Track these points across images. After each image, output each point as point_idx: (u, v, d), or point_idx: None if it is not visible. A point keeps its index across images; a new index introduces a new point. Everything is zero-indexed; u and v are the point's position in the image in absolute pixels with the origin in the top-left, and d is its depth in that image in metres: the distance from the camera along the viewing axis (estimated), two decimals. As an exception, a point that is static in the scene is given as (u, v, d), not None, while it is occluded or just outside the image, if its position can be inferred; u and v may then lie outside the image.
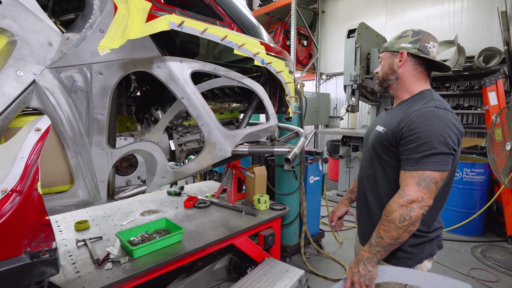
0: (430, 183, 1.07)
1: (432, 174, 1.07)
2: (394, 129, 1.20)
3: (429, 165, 1.07)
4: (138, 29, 1.14)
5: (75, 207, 1.55)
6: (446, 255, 3.28)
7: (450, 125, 1.09)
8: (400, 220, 1.08)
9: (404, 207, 1.07)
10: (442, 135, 1.07)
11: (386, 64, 1.32)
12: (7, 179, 0.88)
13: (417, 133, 1.10)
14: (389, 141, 1.22)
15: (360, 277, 1.17)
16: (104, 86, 1.34)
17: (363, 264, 1.17)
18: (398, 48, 1.27)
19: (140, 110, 2.13)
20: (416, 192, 1.07)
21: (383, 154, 1.27)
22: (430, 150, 1.07)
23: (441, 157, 1.08)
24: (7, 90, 1.11)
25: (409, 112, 1.17)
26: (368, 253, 1.17)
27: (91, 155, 1.44)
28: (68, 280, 1.47)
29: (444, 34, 5.20)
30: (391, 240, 1.11)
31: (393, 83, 1.32)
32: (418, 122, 1.11)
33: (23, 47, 1.15)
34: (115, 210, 2.55)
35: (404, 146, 1.14)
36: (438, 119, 1.09)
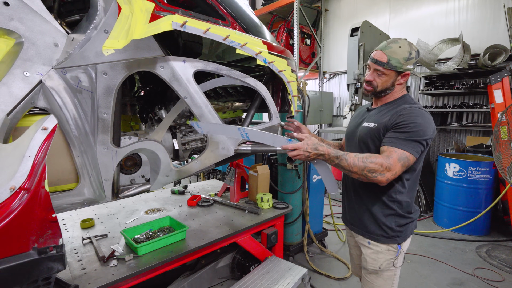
0: (406, 162, 1.30)
1: (409, 156, 1.30)
2: (385, 124, 1.40)
3: (409, 148, 1.29)
4: (141, 29, 1.16)
5: (81, 205, 1.57)
6: (450, 254, 3.26)
7: (431, 123, 1.34)
8: (369, 170, 1.26)
9: (381, 168, 1.26)
10: (422, 129, 1.31)
11: (390, 80, 1.44)
12: (16, 177, 0.90)
13: (405, 123, 1.32)
14: (379, 134, 1.42)
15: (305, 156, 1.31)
16: (109, 86, 1.36)
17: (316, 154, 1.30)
18: (406, 69, 1.40)
19: (144, 109, 2.15)
20: (396, 165, 1.27)
21: (372, 145, 1.45)
22: (412, 137, 1.30)
23: (417, 145, 1.31)
24: (15, 91, 1.13)
25: (399, 110, 1.39)
26: (327, 156, 1.31)
27: (96, 154, 1.46)
28: (74, 277, 1.49)
29: (448, 32, 5.15)
30: (346, 169, 1.30)
31: (386, 94, 1.50)
32: (407, 115, 1.34)
33: (30, 48, 1.18)
34: (120, 209, 2.58)
35: (392, 131, 1.35)
36: (422, 116, 1.34)
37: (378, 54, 1.42)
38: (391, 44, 1.41)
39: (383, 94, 1.49)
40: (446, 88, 4.70)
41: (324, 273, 2.86)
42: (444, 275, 2.83)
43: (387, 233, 1.47)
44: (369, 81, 1.48)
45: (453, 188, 3.87)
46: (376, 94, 1.51)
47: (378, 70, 1.43)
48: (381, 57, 1.40)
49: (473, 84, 4.23)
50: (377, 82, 1.46)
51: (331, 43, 7.45)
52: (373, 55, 1.45)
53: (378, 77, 1.45)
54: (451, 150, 4.78)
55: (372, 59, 1.45)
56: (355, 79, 4.54)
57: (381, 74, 1.43)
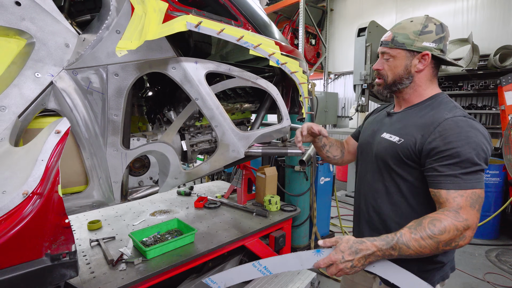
0: (481, 204, 0.94)
1: (481, 194, 0.94)
2: (417, 141, 1.02)
3: (476, 183, 0.94)
4: (155, 30, 1.13)
5: (90, 208, 1.55)
6: (459, 258, 3.21)
7: (486, 137, 0.98)
8: (446, 244, 0.91)
9: (459, 233, 0.90)
10: (482, 149, 0.95)
11: (401, 65, 1.09)
12: (28, 181, 0.87)
13: (456, 147, 0.94)
14: (409, 155, 1.04)
15: (348, 268, 0.93)
16: (120, 87, 1.34)
17: (362, 258, 0.93)
18: (421, 48, 1.06)
19: (152, 110, 2.13)
20: (473, 217, 0.91)
21: (399, 168, 1.08)
22: (473, 166, 0.93)
23: (482, 174, 0.96)
24: (26, 92, 1.11)
25: (437, 120, 1.00)
26: (379, 251, 0.94)
27: (106, 156, 1.44)
28: (83, 280, 1.47)
29: (457, 32, 5.08)
30: (416, 254, 0.93)
31: (405, 88, 1.12)
32: (455, 134, 0.95)
33: (41, 49, 1.15)
34: (127, 210, 2.56)
35: (440, 161, 0.97)
36: (474, 131, 0.96)
37: (386, 35, 1.14)
38: (402, 21, 1.13)
39: (399, 87, 1.13)
40: (454, 89, 4.65)
41: (332, 276, 2.82)
42: (454, 280, 2.78)
43: None
44: (378, 71, 1.17)
45: (461, 191, 3.81)
46: (390, 88, 1.15)
47: (385, 52, 1.12)
48: (387, 37, 1.12)
49: (483, 86, 4.17)
50: (386, 71, 1.13)
51: (336, 43, 7.40)
52: (383, 37, 1.16)
53: (386, 62, 1.12)
54: (459, 152, 4.71)
55: (380, 43, 1.16)
56: (362, 79, 4.50)
57: (389, 58, 1.11)
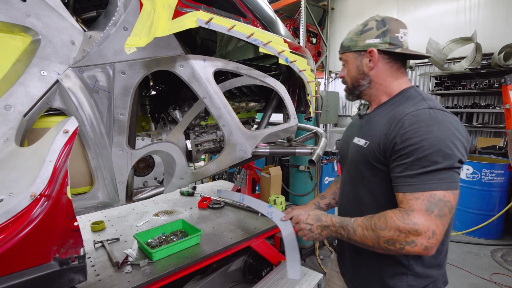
0: (444, 209, 0.81)
1: (446, 196, 0.82)
2: (381, 141, 0.95)
3: (438, 184, 0.82)
4: (164, 26, 1.10)
5: (95, 209, 1.52)
6: (465, 258, 3.19)
7: (454, 131, 0.86)
8: (386, 241, 0.84)
9: (403, 235, 0.81)
10: (447, 145, 0.84)
11: (353, 68, 1.08)
12: (36, 183, 0.84)
13: (414, 143, 0.86)
14: (375, 157, 0.97)
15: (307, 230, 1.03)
16: (126, 86, 1.31)
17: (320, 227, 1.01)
18: (364, 46, 1.02)
19: (156, 109, 2.09)
20: (427, 223, 0.80)
21: (369, 173, 1.01)
22: (433, 164, 0.83)
23: (448, 173, 0.83)
24: (32, 91, 1.08)
25: (398, 117, 0.93)
26: (332, 226, 0.98)
27: (111, 156, 1.41)
28: (88, 284, 1.44)
29: (459, 31, 5.07)
30: (360, 243, 0.91)
31: (366, 89, 1.09)
32: (414, 130, 0.87)
33: (47, 46, 1.12)
34: (130, 211, 2.53)
35: (398, 161, 0.89)
36: (438, 124, 0.86)
37: None
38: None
39: (359, 89, 1.09)
40: (457, 88, 4.63)
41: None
42: (460, 281, 2.77)
43: None
44: (342, 78, 1.16)
45: (465, 191, 3.80)
46: (353, 92, 1.13)
47: (341, 60, 1.13)
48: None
49: (487, 84, 4.15)
50: (344, 77, 1.13)
51: (337, 42, 7.37)
52: None
53: (344, 69, 1.13)
54: (462, 151, 4.69)
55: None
56: (365, 79, 4.48)
57: (344, 63, 1.12)
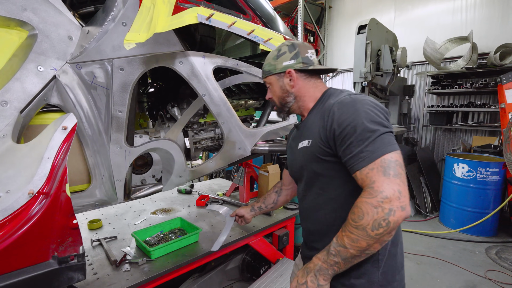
0: (397, 168, 0.85)
1: (393, 156, 0.86)
2: (321, 134, 1.02)
3: (383, 148, 0.87)
4: (164, 22, 1.09)
5: (92, 207, 1.51)
6: (460, 255, 3.23)
7: (373, 105, 0.96)
8: (373, 227, 0.83)
9: (380, 209, 0.82)
10: (375, 114, 0.93)
11: (278, 88, 1.20)
12: (34, 180, 0.83)
13: (349, 123, 0.92)
14: (321, 150, 1.03)
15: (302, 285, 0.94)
16: (125, 82, 1.29)
17: (313, 276, 0.93)
18: (283, 68, 1.16)
19: (154, 106, 2.07)
20: (390, 186, 0.82)
21: (321, 170, 1.05)
22: (372, 133, 0.89)
23: (387, 137, 0.90)
24: (28, 86, 1.06)
25: (327, 109, 1.02)
26: (323, 263, 0.92)
27: (109, 153, 1.40)
28: (86, 282, 1.42)
29: (455, 30, 5.10)
30: (357, 251, 0.87)
31: (293, 104, 1.21)
32: (344, 113, 0.95)
33: (43, 41, 1.10)
34: (127, 209, 2.51)
35: (344, 145, 0.94)
36: (360, 103, 0.96)
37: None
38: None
39: (288, 106, 1.21)
40: (453, 87, 4.66)
41: None
42: (456, 278, 2.80)
43: None
44: (270, 100, 1.27)
45: (461, 189, 3.84)
46: (282, 109, 1.25)
47: (265, 83, 1.26)
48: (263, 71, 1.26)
49: (482, 84, 4.19)
50: (271, 98, 1.25)
51: (335, 41, 7.38)
52: None
53: (269, 91, 1.25)
54: (458, 150, 4.75)
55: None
56: (362, 77, 4.49)
57: (268, 86, 1.24)
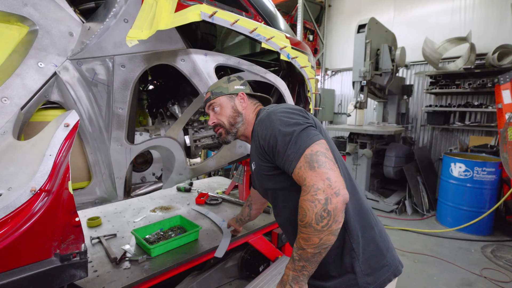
0: (320, 158, 0.88)
1: (313, 149, 0.90)
2: (258, 154, 1.09)
3: (302, 144, 0.91)
4: (167, 19, 1.08)
5: (92, 204, 1.50)
6: (456, 254, 3.27)
7: (286, 109, 1.03)
8: (317, 220, 0.84)
9: (316, 202, 0.84)
10: (288, 117, 0.98)
11: (229, 107, 1.23)
12: (36, 177, 0.82)
13: (269, 135, 0.99)
14: (265, 168, 1.08)
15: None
16: (126, 79, 1.28)
17: (289, 286, 0.94)
18: (236, 91, 1.24)
19: (154, 104, 2.07)
20: (318, 177, 0.85)
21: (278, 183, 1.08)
22: (289, 135, 0.94)
23: (304, 133, 0.94)
24: (29, 83, 1.05)
25: (254, 130, 1.12)
26: (293, 272, 0.94)
27: (110, 151, 1.39)
28: (87, 280, 1.42)
29: (454, 31, 5.13)
30: (314, 249, 0.88)
31: (241, 126, 1.25)
32: (262, 127, 1.04)
33: (44, 37, 1.09)
34: (126, 206, 2.50)
35: (275, 154, 0.99)
36: (273, 113, 1.03)
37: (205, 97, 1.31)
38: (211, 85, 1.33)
39: (237, 126, 1.24)
40: (451, 87, 4.69)
41: None
42: (452, 275, 2.83)
43: None
44: (214, 124, 1.26)
45: (458, 188, 3.87)
46: (231, 131, 1.25)
47: (211, 105, 1.26)
48: (207, 95, 1.29)
49: (480, 84, 4.22)
50: (220, 119, 1.24)
51: (334, 40, 7.38)
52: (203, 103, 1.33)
53: (217, 113, 1.24)
54: (455, 149, 4.78)
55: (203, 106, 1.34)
56: (361, 76, 4.50)
57: (216, 107, 1.24)
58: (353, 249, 1.00)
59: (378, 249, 1.05)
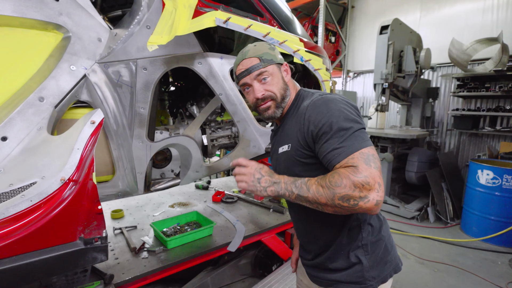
0: (377, 162, 0.85)
1: (370, 151, 0.87)
2: (299, 138, 1.01)
3: (359, 144, 0.87)
4: (185, 25, 1.16)
5: (115, 197, 1.61)
6: (481, 265, 3.10)
7: (345, 103, 0.97)
8: (342, 198, 0.81)
9: (357, 190, 0.80)
10: (349, 111, 0.93)
11: (279, 79, 1.09)
12: (65, 168, 0.92)
13: (324, 122, 0.92)
14: (301, 154, 1.01)
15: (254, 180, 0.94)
16: (147, 81, 1.38)
17: (270, 182, 0.93)
18: (281, 60, 1.11)
19: (175, 104, 2.17)
20: (373, 174, 0.81)
21: (302, 172, 1.02)
22: (347, 131, 0.89)
23: (361, 133, 0.90)
24: (62, 84, 1.17)
25: (301, 112, 1.01)
26: (283, 184, 0.91)
27: (132, 147, 1.49)
28: (108, 266, 1.54)
29: (485, 31, 4.87)
30: (312, 200, 0.87)
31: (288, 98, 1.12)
32: (318, 113, 0.95)
33: (76, 43, 1.21)
34: (147, 201, 2.64)
35: (321, 143, 0.93)
36: (332, 102, 0.96)
37: (246, 63, 1.07)
38: (245, 50, 1.10)
39: (286, 100, 1.11)
40: (480, 90, 4.46)
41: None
42: (475, 287, 2.70)
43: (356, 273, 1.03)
44: (264, 97, 1.07)
45: (485, 196, 3.67)
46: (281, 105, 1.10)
47: (260, 74, 1.06)
48: (251, 62, 1.06)
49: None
50: (272, 90, 1.07)
51: (357, 41, 7.25)
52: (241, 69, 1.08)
53: (267, 83, 1.06)
54: (483, 155, 4.53)
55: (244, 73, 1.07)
56: (383, 78, 4.40)
57: (267, 77, 1.06)
58: (366, 245, 1.04)
59: (385, 245, 1.08)
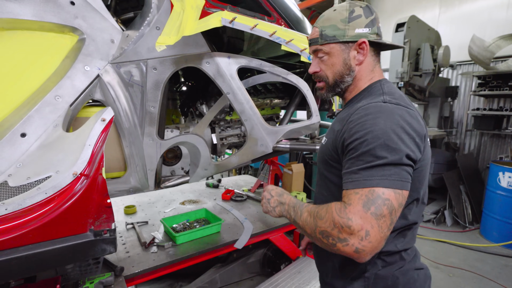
0: (382, 208, 0.71)
1: (385, 193, 0.72)
2: (333, 139, 0.91)
3: (379, 180, 0.73)
4: (192, 26, 1.19)
5: (127, 193, 1.68)
6: (500, 271, 2.97)
7: (402, 124, 0.77)
8: (321, 233, 0.78)
9: (336, 230, 0.74)
10: (392, 138, 0.75)
11: (339, 61, 0.94)
12: (77, 163, 0.98)
13: (359, 137, 0.78)
14: (330, 155, 0.92)
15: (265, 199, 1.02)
16: (157, 81, 1.43)
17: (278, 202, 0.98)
18: (355, 37, 0.90)
19: (186, 103, 2.22)
20: (361, 220, 0.71)
21: (327, 172, 0.96)
22: (376, 159, 0.74)
23: (393, 169, 0.74)
24: (77, 84, 1.23)
25: (350, 113, 0.87)
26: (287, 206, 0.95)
27: (143, 145, 1.54)
28: (119, 259, 1.60)
29: (510, 27, 4.64)
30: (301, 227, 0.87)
31: (348, 86, 0.98)
32: (360, 123, 0.80)
33: (90, 44, 1.26)
34: (159, 198, 2.71)
35: (347, 157, 0.82)
36: (385, 116, 0.78)
37: (312, 32, 0.97)
38: (325, 12, 0.96)
39: (342, 86, 0.98)
40: (503, 89, 4.26)
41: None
42: (492, 294, 2.60)
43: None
44: (316, 74, 1.00)
45: (506, 200, 3.51)
46: (333, 90, 0.99)
47: (317, 50, 0.96)
48: (314, 33, 0.96)
49: (538, 86, 3.78)
50: (325, 71, 0.97)
51: (372, 40, 7.10)
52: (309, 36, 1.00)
53: (323, 62, 0.96)
54: (506, 157, 4.34)
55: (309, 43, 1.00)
56: (398, 77, 4.30)
57: (323, 56, 0.95)
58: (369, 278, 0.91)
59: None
